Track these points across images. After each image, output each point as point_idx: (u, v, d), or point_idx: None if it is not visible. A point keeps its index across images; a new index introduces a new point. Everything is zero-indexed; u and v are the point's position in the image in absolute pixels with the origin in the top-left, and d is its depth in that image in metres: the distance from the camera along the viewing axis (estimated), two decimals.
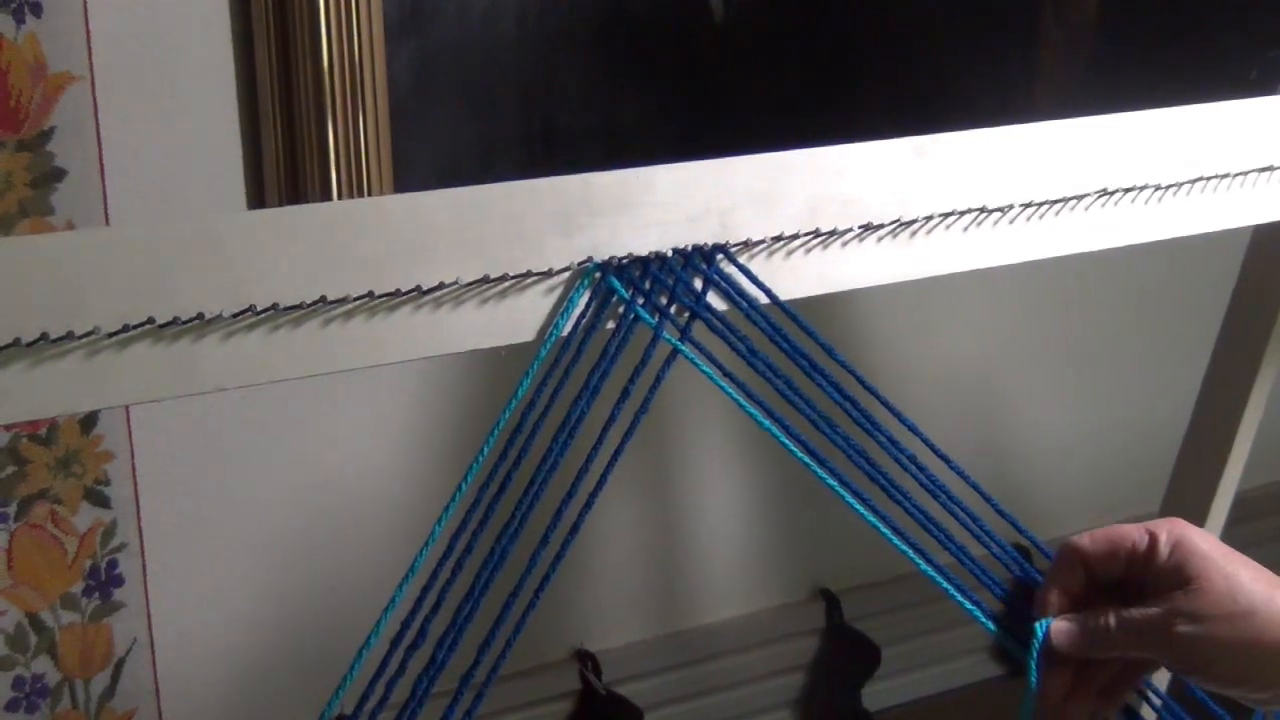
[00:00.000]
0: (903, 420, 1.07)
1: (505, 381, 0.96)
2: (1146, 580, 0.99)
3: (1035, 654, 1.01)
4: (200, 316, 0.85)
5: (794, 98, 1.79)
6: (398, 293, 0.91)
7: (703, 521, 1.90)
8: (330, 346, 0.89)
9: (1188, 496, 1.41)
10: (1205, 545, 0.98)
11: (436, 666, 0.91)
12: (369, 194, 1.49)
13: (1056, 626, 1.01)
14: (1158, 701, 1.11)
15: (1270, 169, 1.20)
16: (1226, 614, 0.96)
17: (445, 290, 0.92)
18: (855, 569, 1.97)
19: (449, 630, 0.93)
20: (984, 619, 1.06)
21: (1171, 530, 1.00)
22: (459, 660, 0.94)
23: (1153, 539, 1.00)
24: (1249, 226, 1.27)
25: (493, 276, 0.93)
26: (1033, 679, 1.01)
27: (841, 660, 1.96)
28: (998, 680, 2.07)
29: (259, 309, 0.87)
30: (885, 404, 1.06)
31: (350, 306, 0.89)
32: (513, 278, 0.94)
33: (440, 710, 0.93)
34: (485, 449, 0.92)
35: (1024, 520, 1.12)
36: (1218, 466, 1.34)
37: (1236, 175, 1.19)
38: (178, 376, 0.86)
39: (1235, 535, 1.69)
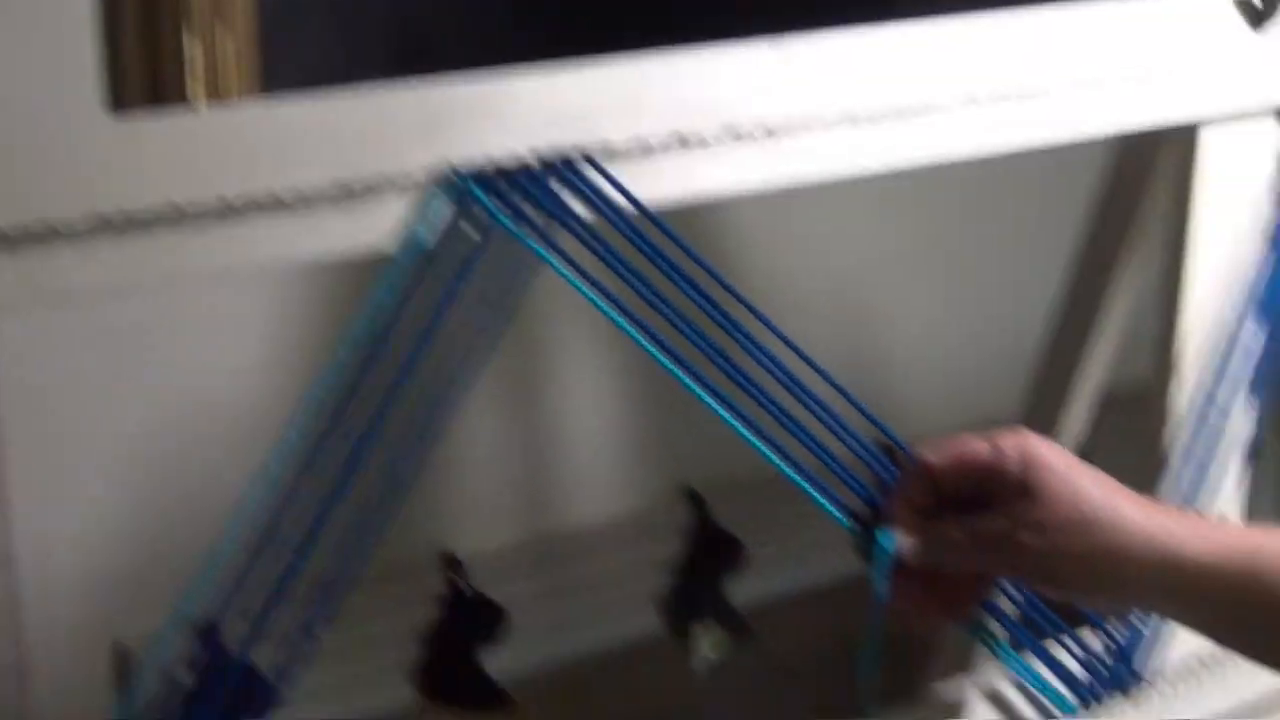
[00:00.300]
0: (762, 319, 1.07)
1: (371, 291, 0.95)
2: (993, 491, 1.01)
3: (882, 566, 1.02)
4: (50, 228, 0.84)
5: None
6: (253, 200, 0.89)
7: (569, 424, 1.90)
8: (183, 254, 0.88)
9: (1047, 395, 1.42)
10: (1050, 456, 1.00)
11: (292, 572, 0.91)
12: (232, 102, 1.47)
13: (903, 540, 1.02)
14: (1020, 598, 1.13)
15: (1131, 74, 1.21)
16: (1069, 523, 0.97)
17: (302, 198, 0.90)
18: (722, 468, 1.97)
19: (306, 536, 0.92)
20: (842, 517, 1.06)
21: (1017, 442, 1.01)
22: (316, 565, 0.93)
23: (998, 451, 1.01)
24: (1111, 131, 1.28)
25: (352, 185, 0.92)
26: (880, 590, 1.02)
27: (708, 559, 1.97)
28: (865, 577, 2.09)
29: (111, 219, 0.85)
30: (744, 303, 1.06)
31: (203, 214, 0.88)
32: (372, 186, 0.93)
33: (299, 616, 0.93)
34: (343, 355, 0.91)
35: (888, 419, 1.13)
36: (1078, 366, 1.36)
37: (1099, 80, 1.20)
38: (27, 289, 0.84)
39: (1094, 434, 1.71)
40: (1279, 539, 0.97)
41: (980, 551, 1.00)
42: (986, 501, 1.00)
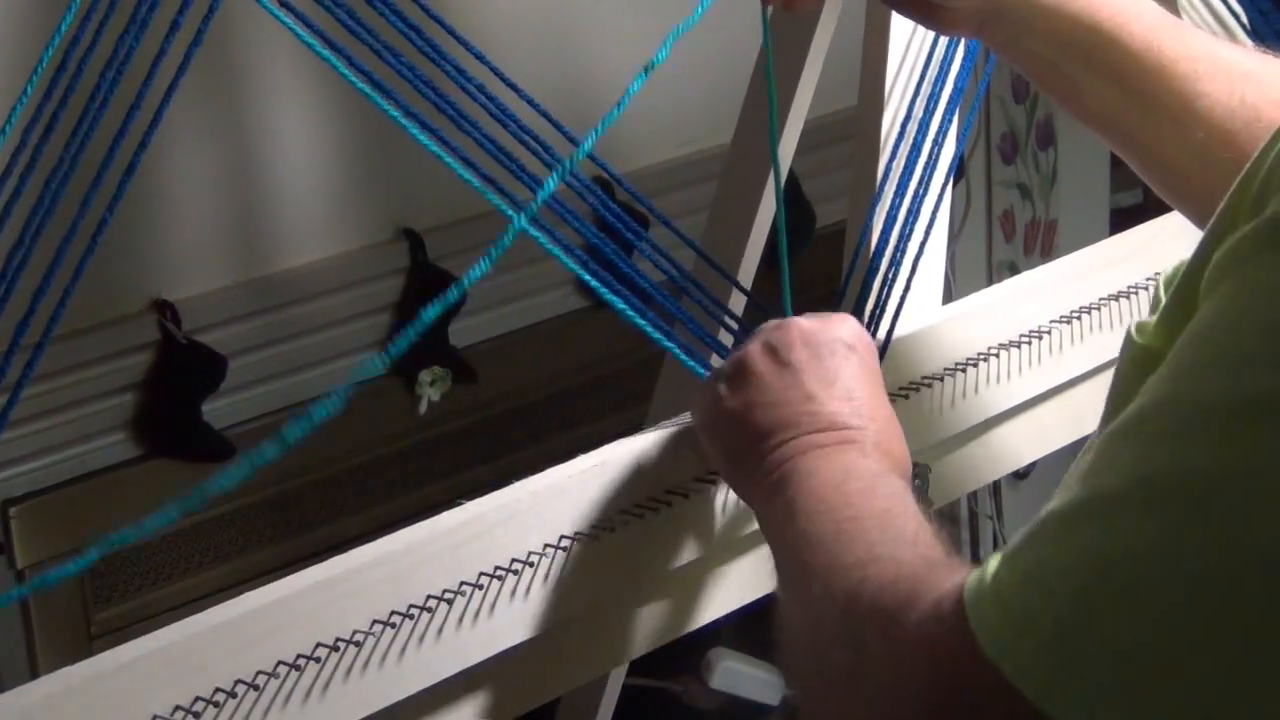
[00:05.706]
0: (469, 48, 1.04)
1: (49, 21, 0.90)
2: None
3: None
4: None
5: None
6: None
7: (280, 163, 1.85)
8: None
9: (759, 126, 1.43)
10: None
11: None
12: None
13: None
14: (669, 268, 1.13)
15: None
16: None
17: None
18: (438, 207, 1.95)
19: None
20: (563, 256, 1.05)
21: None
22: (12, 314, 0.89)
23: None
24: None
25: None
26: None
27: (427, 299, 1.96)
28: (583, 312, 2.10)
29: None
30: (450, 31, 1.04)
31: None
32: None
33: None
34: (28, 89, 0.87)
35: (603, 154, 1.11)
36: (786, 96, 1.36)
37: None
38: None
39: (805, 163, 1.73)
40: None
41: None
42: None
